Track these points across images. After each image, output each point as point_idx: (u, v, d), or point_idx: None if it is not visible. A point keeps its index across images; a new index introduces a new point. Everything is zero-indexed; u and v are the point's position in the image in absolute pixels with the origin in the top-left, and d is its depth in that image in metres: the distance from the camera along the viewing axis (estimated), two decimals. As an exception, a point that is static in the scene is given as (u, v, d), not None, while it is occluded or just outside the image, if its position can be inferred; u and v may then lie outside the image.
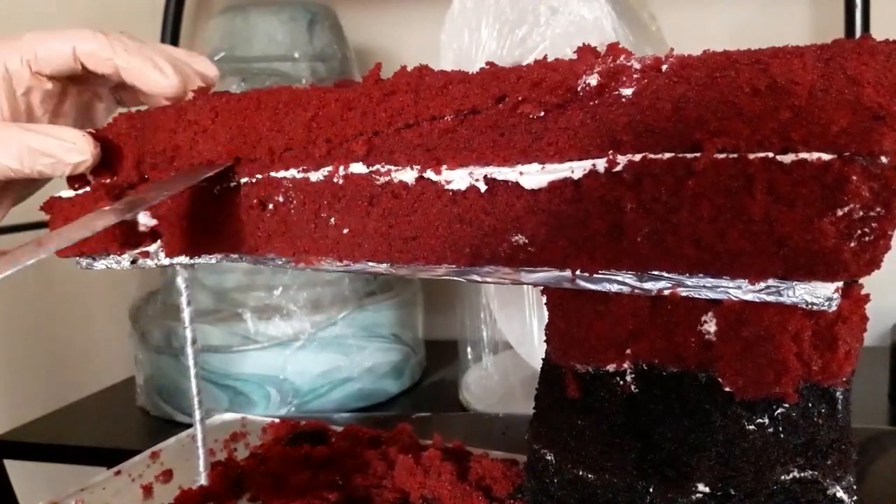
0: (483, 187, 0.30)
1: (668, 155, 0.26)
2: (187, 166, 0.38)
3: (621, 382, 0.30)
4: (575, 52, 0.28)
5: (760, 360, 0.27)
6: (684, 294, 0.27)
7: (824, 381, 0.27)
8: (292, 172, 0.35)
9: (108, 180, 0.42)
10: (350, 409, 0.78)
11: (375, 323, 0.80)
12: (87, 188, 0.42)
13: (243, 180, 0.37)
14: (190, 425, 0.50)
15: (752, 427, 0.28)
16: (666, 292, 0.27)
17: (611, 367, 0.30)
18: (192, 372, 0.46)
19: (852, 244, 0.24)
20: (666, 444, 0.29)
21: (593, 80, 0.27)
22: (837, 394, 0.28)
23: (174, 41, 1.00)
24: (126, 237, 0.42)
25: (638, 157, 0.26)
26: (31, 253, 0.31)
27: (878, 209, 0.23)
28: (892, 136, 0.22)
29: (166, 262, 0.43)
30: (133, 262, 0.43)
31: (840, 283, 0.25)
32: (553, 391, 0.33)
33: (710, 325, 0.27)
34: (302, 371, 0.76)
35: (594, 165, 0.27)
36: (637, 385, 0.30)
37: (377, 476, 0.45)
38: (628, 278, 0.28)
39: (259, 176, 0.37)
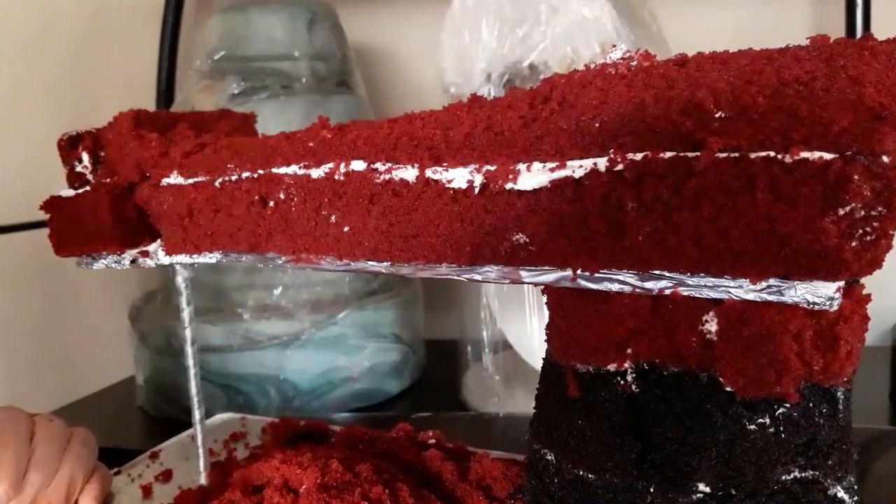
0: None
1: (669, 154, 0.26)
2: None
3: (622, 382, 0.30)
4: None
5: (761, 360, 0.27)
6: (685, 293, 0.27)
7: (825, 380, 0.27)
8: (293, 169, 0.35)
9: (108, 179, 0.42)
10: (350, 408, 0.78)
11: (375, 322, 0.80)
12: (88, 187, 0.42)
13: (244, 175, 0.37)
14: (189, 425, 0.50)
15: (753, 427, 0.28)
16: (667, 292, 0.27)
17: (611, 367, 0.30)
18: (192, 372, 0.46)
19: (854, 243, 0.24)
20: (666, 443, 0.29)
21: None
22: (839, 394, 0.28)
23: (174, 40, 1.00)
24: (126, 236, 0.42)
25: (639, 157, 0.26)
26: None
27: (880, 209, 0.23)
28: (893, 136, 0.22)
29: (166, 261, 0.43)
30: (133, 261, 0.43)
31: (841, 283, 0.25)
32: (553, 391, 0.33)
33: (712, 325, 0.27)
34: (302, 371, 0.76)
35: (595, 165, 0.27)
36: (638, 385, 0.30)
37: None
38: (629, 277, 0.28)
39: (261, 172, 0.36)
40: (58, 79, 0.98)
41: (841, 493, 0.28)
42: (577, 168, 0.27)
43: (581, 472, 0.31)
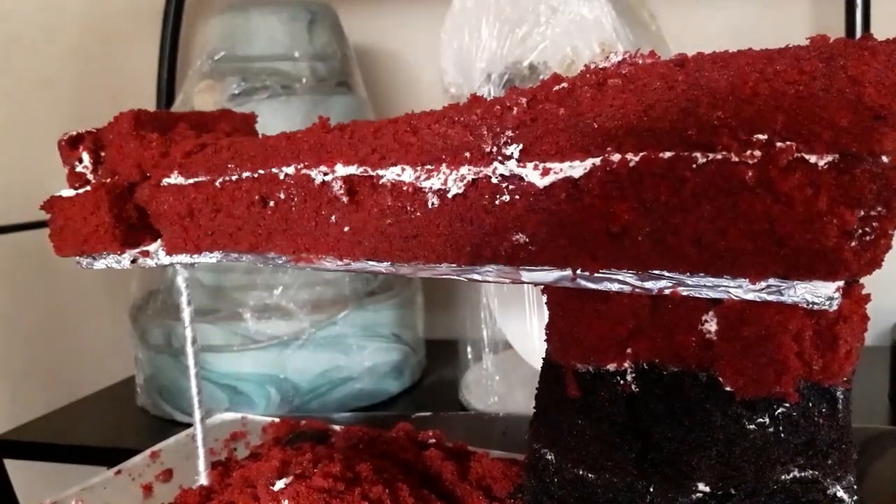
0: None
1: (668, 154, 0.26)
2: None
3: (622, 382, 0.30)
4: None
5: (761, 360, 0.27)
6: (685, 293, 0.27)
7: (825, 380, 0.27)
8: (293, 169, 0.35)
9: (108, 179, 0.42)
10: (350, 408, 0.78)
11: (375, 322, 0.80)
12: (88, 187, 0.42)
13: (245, 175, 0.37)
14: (190, 425, 0.50)
15: (752, 426, 0.28)
16: (667, 291, 0.27)
17: (611, 367, 0.30)
18: (192, 371, 0.46)
19: (853, 243, 0.24)
20: (666, 443, 0.29)
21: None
22: (838, 393, 0.28)
23: (174, 41, 1.00)
24: (126, 236, 0.42)
25: (638, 157, 0.26)
26: None
27: (880, 209, 0.23)
28: (893, 136, 0.22)
29: (166, 261, 0.43)
30: (133, 261, 0.43)
31: (841, 283, 0.25)
32: (553, 390, 0.33)
33: (711, 325, 0.27)
34: (302, 370, 0.76)
35: (594, 165, 0.27)
36: (637, 384, 0.30)
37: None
38: (629, 277, 0.28)
39: (261, 172, 0.37)
40: (58, 79, 0.98)
41: (840, 493, 0.28)
42: (577, 168, 0.27)
43: (581, 472, 0.31)
